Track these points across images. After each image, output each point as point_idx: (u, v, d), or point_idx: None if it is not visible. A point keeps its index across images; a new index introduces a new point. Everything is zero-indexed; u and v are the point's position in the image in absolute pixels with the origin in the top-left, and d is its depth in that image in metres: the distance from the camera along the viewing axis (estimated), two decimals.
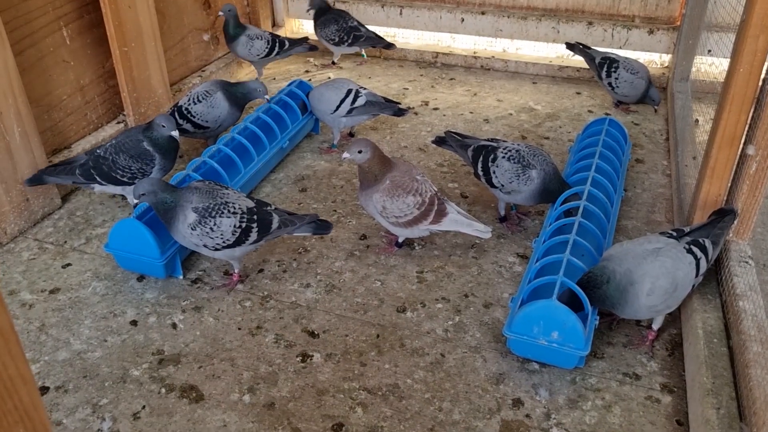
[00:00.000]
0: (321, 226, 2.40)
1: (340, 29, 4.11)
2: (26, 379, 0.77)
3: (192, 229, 2.21)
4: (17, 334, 0.73)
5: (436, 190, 2.48)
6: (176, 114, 3.03)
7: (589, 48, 3.79)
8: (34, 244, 2.65)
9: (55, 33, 2.85)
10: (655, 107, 3.61)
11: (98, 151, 2.63)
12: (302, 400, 1.96)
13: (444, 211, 2.44)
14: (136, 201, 2.27)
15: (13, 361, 0.74)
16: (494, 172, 2.60)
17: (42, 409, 0.80)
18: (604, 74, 3.63)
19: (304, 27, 4.83)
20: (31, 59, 2.76)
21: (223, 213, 2.23)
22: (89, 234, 2.72)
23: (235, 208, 2.25)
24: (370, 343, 2.17)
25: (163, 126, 2.62)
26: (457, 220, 2.45)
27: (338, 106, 3.17)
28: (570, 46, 3.85)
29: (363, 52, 4.42)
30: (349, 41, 4.15)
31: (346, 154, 2.38)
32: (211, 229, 2.21)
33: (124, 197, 2.93)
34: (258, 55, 3.86)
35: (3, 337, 0.72)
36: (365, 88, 3.27)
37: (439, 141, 2.88)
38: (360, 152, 2.37)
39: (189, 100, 3.04)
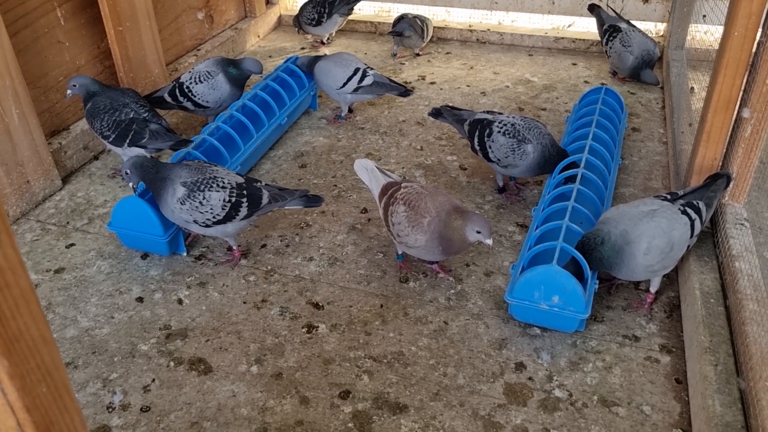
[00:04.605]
0: (312, 200, 2.39)
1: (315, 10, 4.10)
2: (47, 340, 0.79)
3: (181, 203, 2.23)
4: (38, 296, 0.76)
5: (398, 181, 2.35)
6: (177, 90, 3.03)
7: (617, 14, 3.80)
8: (36, 226, 2.67)
9: (49, 13, 2.84)
10: (660, 87, 3.60)
11: (132, 123, 2.67)
12: (309, 370, 2.00)
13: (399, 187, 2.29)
14: (131, 184, 2.30)
15: (35, 322, 0.76)
16: (490, 147, 2.61)
17: (63, 369, 0.83)
18: (604, 41, 3.67)
19: (297, 4, 4.80)
20: (26, 40, 2.75)
21: (212, 187, 2.23)
22: (91, 214, 2.73)
23: (224, 183, 2.25)
24: (374, 312, 2.21)
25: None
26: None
27: (345, 84, 3.18)
28: (591, 7, 3.85)
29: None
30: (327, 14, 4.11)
31: (489, 241, 2.08)
32: (200, 203, 2.22)
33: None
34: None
35: (24, 299, 0.74)
36: (372, 68, 3.27)
37: (435, 113, 2.88)
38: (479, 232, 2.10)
39: (191, 78, 3.03)
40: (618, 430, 1.79)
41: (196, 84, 3.01)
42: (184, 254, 2.48)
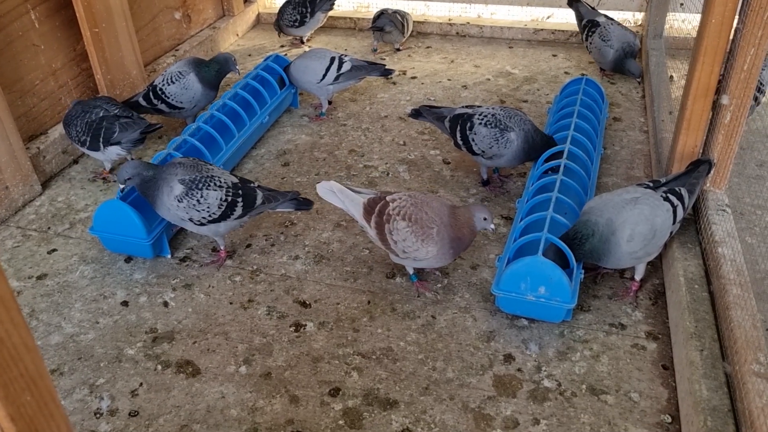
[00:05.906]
0: (303, 203, 2.38)
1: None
2: (30, 347, 0.78)
3: (179, 201, 2.21)
4: (18, 303, 0.74)
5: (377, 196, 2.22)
6: (151, 94, 3.00)
7: (593, 8, 3.80)
8: (17, 232, 2.63)
9: (23, 16, 2.79)
10: (637, 80, 3.58)
11: (103, 121, 2.69)
12: (298, 368, 1.99)
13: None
14: (122, 186, 2.28)
15: (16, 329, 0.75)
16: (473, 140, 2.61)
17: (47, 377, 0.81)
18: (584, 36, 3.67)
19: (276, 1, 4.77)
20: None
21: (209, 186, 2.23)
22: (73, 219, 2.70)
23: (221, 182, 2.26)
24: (362, 309, 2.20)
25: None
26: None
27: (324, 75, 3.17)
28: (570, 1, 3.85)
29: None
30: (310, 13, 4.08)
31: (493, 226, 2.10)
32: (198, 201, 2.21)
33: (105, 180, 2.92)
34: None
35: (4, 305, 0.72)
36: (347, 55, 3.28)
37: (415, 114, 2.87)
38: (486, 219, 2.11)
39: (163, 80, 3.00)
40: (607, 417, 1.81)
41: (168, 85, 2.99)
42: (169, 256, 2.46)
